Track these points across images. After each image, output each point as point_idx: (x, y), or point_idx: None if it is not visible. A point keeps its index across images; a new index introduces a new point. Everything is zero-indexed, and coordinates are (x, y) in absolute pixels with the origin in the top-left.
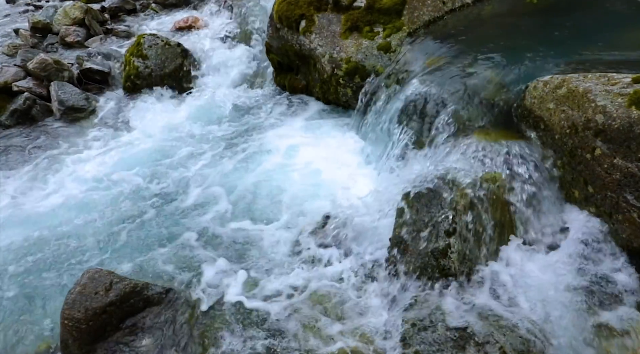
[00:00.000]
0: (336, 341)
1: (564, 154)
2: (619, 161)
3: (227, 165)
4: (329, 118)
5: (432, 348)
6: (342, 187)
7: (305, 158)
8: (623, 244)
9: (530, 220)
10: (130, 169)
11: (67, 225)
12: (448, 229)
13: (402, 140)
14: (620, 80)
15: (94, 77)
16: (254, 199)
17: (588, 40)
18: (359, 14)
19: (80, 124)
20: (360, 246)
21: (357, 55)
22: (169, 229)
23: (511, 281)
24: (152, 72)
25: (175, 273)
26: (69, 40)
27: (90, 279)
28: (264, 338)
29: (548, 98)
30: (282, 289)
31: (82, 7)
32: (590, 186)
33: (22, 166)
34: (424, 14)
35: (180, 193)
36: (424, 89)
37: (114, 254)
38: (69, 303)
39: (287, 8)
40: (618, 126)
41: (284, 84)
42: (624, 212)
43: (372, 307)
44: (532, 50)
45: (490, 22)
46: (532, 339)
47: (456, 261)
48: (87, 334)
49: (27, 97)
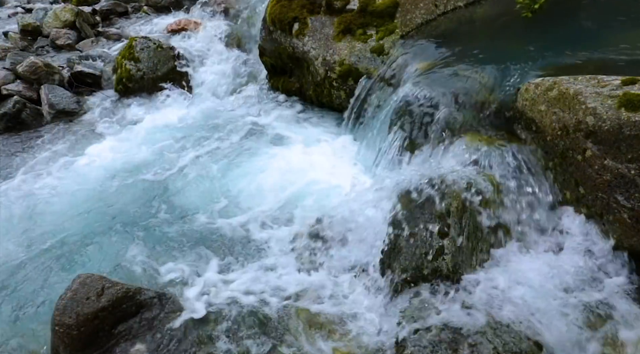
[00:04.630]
0: (330, 343)
1: (555, 156)
2: (610, 162)
3: (219, 167)
4: (322, 120)
5: (426, 350)
6: (335, 190)
7: (298, 160)
8: (614, 244)
9: (523, 222)
10: (122, 173)
11: (55, 230)
12: (441, 231)
13: (395, 143)
14: (610, 82)
15: (85, 80)
16: (246, 201)
17: (579, 42)
18: (352, 17)
19: (71, 128)
20: (353, 248)
21: (351, 57)
22: (161, 232)
23: (504, 283)
24: (145, 75)
25: (168, 277)
26: (60, 43)
27: (81, 284)
28: (257, 342)
29: (539, 100)
30: (275, 292)
31: (73, 9)
32: (582, 187)
33: (12, 170)
34: (416, 17)
35: (172, 197)
36: (416, 92)
37: (105, 259)
38: (60, 308)
39: (280, 11)
40: (608, 128)
41: (278, 87)
42: (615, 213)
43: (365, 309)
44: (523, 52)
45: (482, 25)
46: (525, 340)
47: (449, 263)
48: (79, 341)
49: (16, 100)
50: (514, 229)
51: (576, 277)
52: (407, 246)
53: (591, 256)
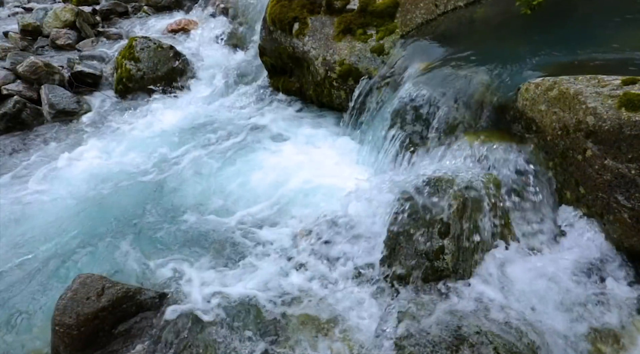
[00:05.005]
0: (329, 343)
1: (555, 156)
2: (610, 162)
3: (218, 166)
4: (322, 120)
5: (426, 349)
6: (336, 190)
7: (298, 160)
8: (614, 244)
9: (524, 221)
10: (121, 173)
11: (56, 229)
12: (442, 231)
13: (395, 143)
14: (610, 82)
15: (86, 80)
16: (248, 201)
17: (579, 42)
18: (352, 17)
19: (71, 128)
20: (354, 247)
21: (351, 57)
22: (162, 232)
23: (505, 283)
24: (145, 75)
25: (168, 277)
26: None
27: (81, 284)
28: (258, 342)
29: (540, 100)
30: (275, 292)
31: (73, 9)
32: (582, 187)
33: (12, 169)
34: (416, 17)
35: (171, 197)
36: (417, 92)
37: (104, 259)
38: (60, 308)
39: (280, 11)
40: (608, 128)
41: (278, 87)
42: (615, 213)
43: (365, 308)
44: (523, 52)
45: (482, 25)
46: (525, 340)
47: (450, 263)
48: (79, 341)
49: (17, 100)
50: (514, 229)
51: (576, 277)
52: (407, 246)
53: (591, 256)
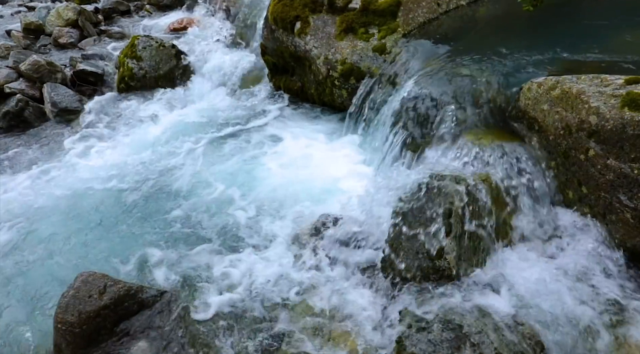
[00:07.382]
0: (331, 342)
1: (558, 155)
2: (613, 161)
3: (223, 166)
4: (323, 120)
5: (428, 349)
6: (339, 189)
7: (299, 160)
8: (617, 244)
9: (526, 221)
10: (123, 170)
11: (57, 226)
12: (444, 231)
13: (398, 142)
14: (613, 81)
15: (88, 79)
16: (250, 200)
17: (582, 41)
18: (354, 16)
19: (74, 126)
20: (356, 247)
21: (353, 56)
22: (164, 230)
23: (506, 282)
24: (147, 73)
25: (170, 276)
26: (62, 42)
27: (83, 282)
28: (259, 341)
29: (542, 99)
30: (278, 291)
31: (75, 8)
32: (584, 186)
33: (14, 167)
34: (418, 16)
35: (174, 194)
36: (419, 91)
37: (107, 256)
38: (62, 306)
39: (282, 9)
40: (611, 127)
41: (280, 86)
42: (618, 213)
43: (367, 308)
44: (526, 51)
45: (484, 24)
46: (527, 340)
47: (452, 262)
48: (81, 338)
49: (19, 99)
50: (515, 229)
51: (578, 277)
52: (409, 245)
53: (593, 255)
